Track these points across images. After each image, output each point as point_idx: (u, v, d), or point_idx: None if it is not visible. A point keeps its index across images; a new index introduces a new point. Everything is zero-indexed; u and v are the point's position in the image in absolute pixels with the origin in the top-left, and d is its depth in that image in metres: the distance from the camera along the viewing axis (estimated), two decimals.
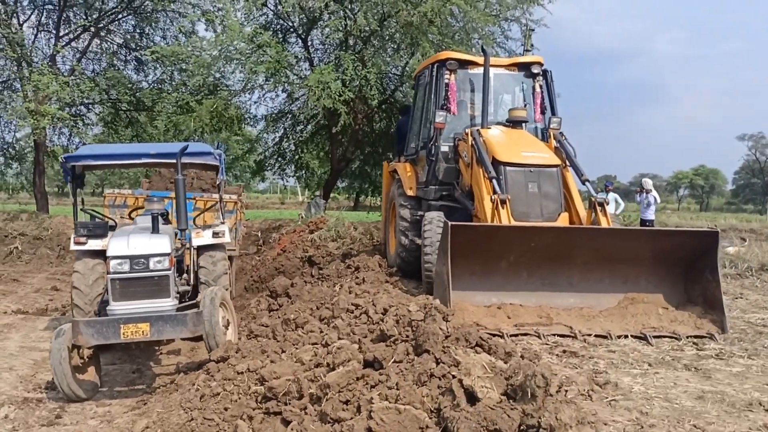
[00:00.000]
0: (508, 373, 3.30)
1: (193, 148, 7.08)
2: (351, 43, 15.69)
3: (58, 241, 15.02)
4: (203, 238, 7.08)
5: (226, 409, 4.14)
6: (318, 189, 20.30)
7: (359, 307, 5.18)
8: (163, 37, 19.20)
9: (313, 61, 16.76)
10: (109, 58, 19.15)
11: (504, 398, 3.16)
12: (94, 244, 6.80)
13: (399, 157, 9.72)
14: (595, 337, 5.51)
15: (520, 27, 15.40)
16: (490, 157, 6.96)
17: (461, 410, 3.05)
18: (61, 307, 9.80)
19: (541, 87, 8.23)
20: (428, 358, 3.65)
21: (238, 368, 4.58)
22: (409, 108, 10.01)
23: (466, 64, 8.15)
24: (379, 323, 4.46)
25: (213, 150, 7.29)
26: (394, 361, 3.78)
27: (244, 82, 16.16)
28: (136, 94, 18.53)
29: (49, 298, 10.58)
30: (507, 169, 6.90)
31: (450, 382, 3.31)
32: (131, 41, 19.48)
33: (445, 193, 7.96)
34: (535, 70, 8.20)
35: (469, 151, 7.34)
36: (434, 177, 8.00)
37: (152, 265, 5.96)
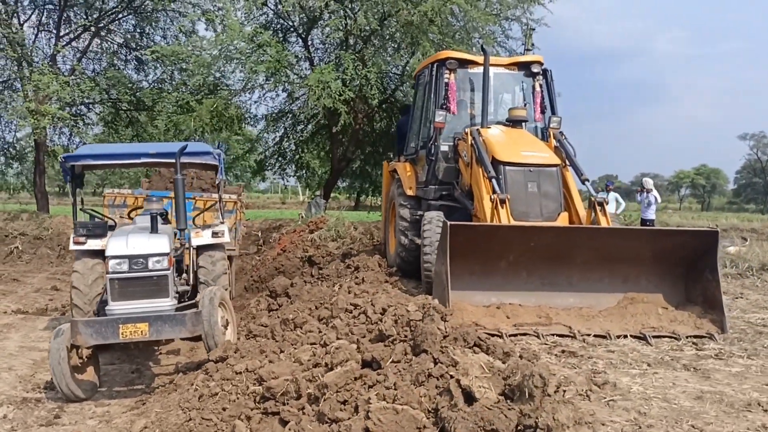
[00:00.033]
0: (505, 373, 3.29)
1: (193, 148, 7.08)
2: (351, 43, 15.69)
3: (59, 241, 15.02)
4: (202, 238, 7.08)
5: (225, 409, 4.14)
6: (318, 189, 20.28)
7: (358, 307, 5.18)
8: (164, 36, 19.23)
9: (314, 60, 16.76)
10: (110, 57, 19.16)
11: (501, 398, 3.16)
12: (93, 244, 6.80)
13: (399, 156, 9.70)
14: (595, 337, 5.49)
15: (520, 26, 15.41)
16: (490, 157, 6.94)
17: (459, 410, 3.05)
18: (61, 307, 9.81)
19: (541, 86, 8.22)
20: (426, 358, 3.65)
21: (237, 368, 4.58)
22: (409, 107, 9.99)
23: (465, 63, 8.13)
24: (377, 323, 4.46)
25: (212, 150, 7.28)
26: (392, 361, 3.77)
27: (244, 81, 16.17)
28: (136, 93, 18.54)
29: (49, 298, 10.59)
30: (506, 168, 6.88)
31: (448, 382, 3.31)
32: (131, 41, 19.49)
33: (445, 193, 7.95)
34: (535, 70, 8.18)
35: (469, 150, 7.33)
36: (434, 176, 7.99)
37: (151, 265, 5.96)
